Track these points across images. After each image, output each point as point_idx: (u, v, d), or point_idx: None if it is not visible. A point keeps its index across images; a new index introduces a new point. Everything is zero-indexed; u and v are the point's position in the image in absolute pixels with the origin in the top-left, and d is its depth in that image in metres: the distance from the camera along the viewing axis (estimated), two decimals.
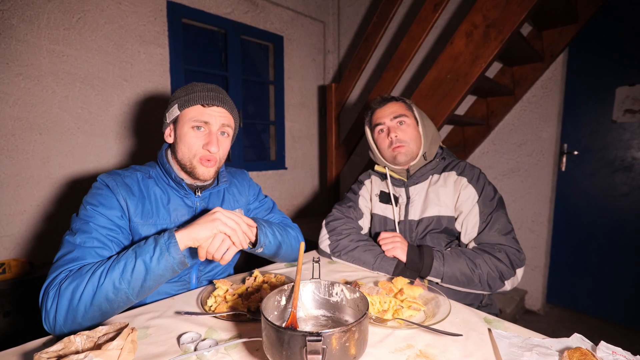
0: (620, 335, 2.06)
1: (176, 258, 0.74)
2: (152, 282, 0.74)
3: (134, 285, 0.72)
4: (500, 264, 0.97)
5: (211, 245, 0.79)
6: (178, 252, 0.74)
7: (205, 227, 0.77)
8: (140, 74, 2.11)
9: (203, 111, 0.90)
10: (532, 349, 0.63)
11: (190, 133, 0.91)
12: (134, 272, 0.72)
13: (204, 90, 0.92)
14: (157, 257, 0.73)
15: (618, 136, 2.11)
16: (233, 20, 2.51)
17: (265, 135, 3.04)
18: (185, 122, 0.91)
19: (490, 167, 2.49)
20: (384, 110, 1.16)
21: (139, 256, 0.73)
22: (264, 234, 0.94)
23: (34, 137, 1.77)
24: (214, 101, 0.91)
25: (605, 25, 2.08)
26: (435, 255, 0.99)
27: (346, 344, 0.49)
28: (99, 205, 0.85)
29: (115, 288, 0.70)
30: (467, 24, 1.50)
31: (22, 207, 1.76)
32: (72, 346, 0.57)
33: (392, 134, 1.13)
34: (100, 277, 0.71)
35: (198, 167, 0.93)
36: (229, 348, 0.65)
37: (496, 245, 1.00)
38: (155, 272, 0.73)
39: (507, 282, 0.98)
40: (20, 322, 1.56)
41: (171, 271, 0.75)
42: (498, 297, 2.30)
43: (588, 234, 2.25)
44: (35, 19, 1.72)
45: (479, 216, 1.05)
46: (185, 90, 0.93)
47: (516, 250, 1.00)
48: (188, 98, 0.91)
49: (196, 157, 0.92)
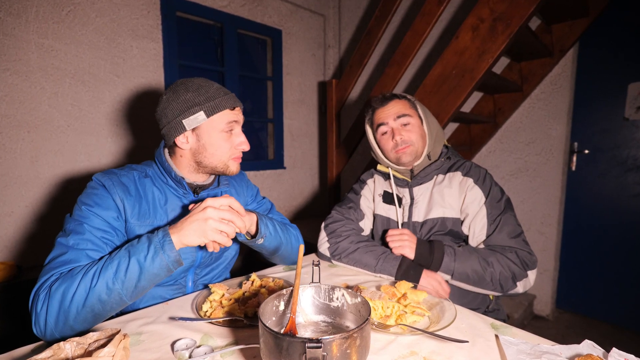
0: (633, 342, 2.07)
1: (171, 257, 0.75)
2: (146, 282, 0.74)
3: (127, 285, 0.72)
4: (513, 264, 0.97)
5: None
6: (173, 250, 0.75)
7: (197, 232, 0.76)
8: (133, 69, 2.11)
9: (231, 113, 0.95)
10: (541, 356, 0.63)
11: (223, 136, 0.94)
12: (128, 272, 0.72)
13: (221, 92, 0.94)
14: (152, 256, 0.73)
15: (630, 134, 2.11)
16: (229, 13, 2.51)
17: (263, 134, 3.04)
18: (214, 126, 0.92)
19: (497, 166, 2.49)
20: (387, 110, 1.16)
21: (132, 255, 0.73)
22: (265, 224, 0.96)
23: (22, 135, 1.77)
24: (237, 103, 0.96)
25: (617, 18, 2.08)
26: (446, 251, 0.99)
27: (347, 351, 0.49)
28: (95, 206, 0.85)
29: (108, 288, 0.71)
30: (473, 18, 1.50)
31: (10, 208, 1.76)
32: (62, 353, 0.57)
33: (397, 136, 1.13)
34: (92, 278, 0.71)
35: (232, 164, 0.98)
36: (225, 355, 0.65)
37: (507, 247, 1.01)
38: (150, 272, 0.74)
39: (519, 284, 0.98)
40: (7, 328, 1.56)
41: (166, 270, 0.76)
42: (505, 302, 2.30)
43: (599, 236, 2.25)
44: (23, 12, 1.72)
45: (487, 218, 1.05)
46: (199, 94, 0.91)
47: (527, 253, 1.00)
48: (215, 103, 0.91)
49: (231, 157, 0.97)
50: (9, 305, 1.57)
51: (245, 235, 0.95)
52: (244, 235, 0.94)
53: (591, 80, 2.20)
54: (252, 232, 0.97)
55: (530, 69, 2.20)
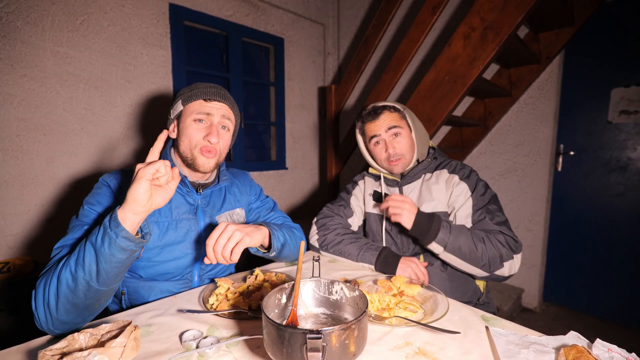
0: (616, 333, 2.06)
1: (119, 233, 0.67)
2: (105, 264, 0.67)
3: (88, 270, 0.67)
4: (500, 245, 0.97)
5: (217, 244, 0.79)
6: (118, 226, 0.67)
7: (137, 179, 0.68)
8: (143, 75, 2.11)
9: (205, 104, 0.93)
10: (529, 346, 0.63)
11: (193, 125, 0.93)
12: (85, 257, 0.67)
13: (207, 87, 0.96)
14: (101, 236, 0.67)
15: (613, 137, 2.11)
16: (234, 22, 2.51)
17: (266, 136, 3.04)
18: (187, 115, 0.94)
19: (487, 167, 2.49)
20: (379, 122, 1.15)
21: (88, 239, 0.69)
22: (277, 238, 0.95)
23: (39, 137, 1.77)
24: (216, 96, 0.94)
25: (601, 28, 2.08)
26: (443, 224, 0.98)
27: (346, 341, 0.49)
28: (96, 204, 0.85)
29: (72, 275, 0.67)
30: (464, 26, 1.50)
31: (27, 206, 1.76)
32: (76, 344, 0.57)
33: (390, 149, 1.13)
34: (60, 267, 0.69)
35: (198, 157, 0.93)
36: (230, 345, 0.65)
37: (493, 231, 1.01)
38: (104, 253, 0.67)
39: (506, 265, 0.97)
40: (24, 321, 1.56)
41: (119, 250, 0.68)
42: (495, 295, 2.30)
43: (584, 233, 2.25)
44: (39, 21, 1.72)
45: (472, 209, 1.05)
46: (188, 88, 0.97)
47: (512, 238, 1.00)
48: (191, 94, 0.94)
49: (197, 147, 0.93)
50: (27, 299, 1.57)
51: (259, 248, 0.94)
52: (257, 248, 0.93)
53: (576, 86, 2.20)
54: (265, 245, 0.96)
55: (518, 75, 2.20)
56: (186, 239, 0.95)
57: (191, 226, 0.97)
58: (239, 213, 1.09)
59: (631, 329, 2.08)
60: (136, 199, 0.68)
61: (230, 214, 1.06)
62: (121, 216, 0.68)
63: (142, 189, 0.68)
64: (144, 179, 0.68)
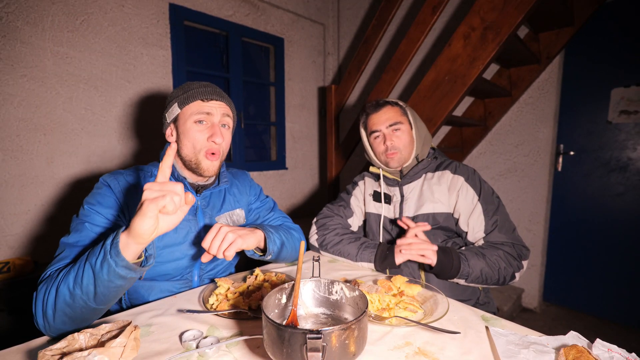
0: (616, 333, 2.06)
1: (119, 263, 0.63)
2: (103, 288, 0.64)
3: (86, 290, 0.64)
4: (512, 258, 0.99)
5: (211, 247, 0.79)
6: (119, 255, 0.63)
7: (139, 217, 0.62)
8: (143, 75, 2.10)
9: (203, 105, 0.92)
10: (529, 346, 0.63)
11: (194, 128, 0.91)
12: (84, 277, 0.64)
13: (201, 86, 0.93)
14: (101, 261, 0.63)
15: (613, 137, 2.11)
16: (234, 22, 2.51)
17: (266, 136, 3.03)
18: (187, 118, 0.92)
19: (487, 167, 2.49)
20: (380, 116, 1.17)
21: (88, 259, 0.65)
22: (272, 241, 0.94)
23: (39, 137, 1.77)
24: (213, 95, 0.93)
25: (601, 28, 2.07)
26: (461, 257, 0.97)
27: (346, 341, 0.49)
28: (97, 204, 0.84)
29: (69, 292, 0.64)
30: (464, 26, 1.50)
31: (27, 206, 1.76)
32: (76, 343, 0.57)
33: (388, 141, 1.15)
34: (59, 281, 0.66)
35: (203, 161, 0.92)
36: (230, 345, 0.65)
37: (504, 242, 1.03)
38: (102, 279, 0.63)
39: (517, 275, 1.01)
40: (24, 321, 1.56)
41: (117, 277, 0.64)
42: (495, 295, 2.30)
43: (584, 234, 2.25)
44: (39, 21, 1.72)
45: (484, 215, 1.06)
46: (182, 89, 0.94)
47: (522, 246, 1.04)
48: (187, 95, 0.92)
49: (202, 151, 0.92)
50: (26, 299, 1.57)
51: (255, 250, 0.93)
52: (253, 251, 0.92)
53: (576, 86, 2.20)
54: (261, 247, 0.95)
55: (518, 75, 2.20)
56: (186, 240, 0.95)
57: (191, 227, 0.96)
58: (238, 214, 1.09)
59: (631, 329, 2.08)
60: (139, 233, 0.62)
61: (230, 214, 1.06)
62: (123, 243, 0.63)
63: (147, 225, 0.62)
64: (148, 215, 0.61)
